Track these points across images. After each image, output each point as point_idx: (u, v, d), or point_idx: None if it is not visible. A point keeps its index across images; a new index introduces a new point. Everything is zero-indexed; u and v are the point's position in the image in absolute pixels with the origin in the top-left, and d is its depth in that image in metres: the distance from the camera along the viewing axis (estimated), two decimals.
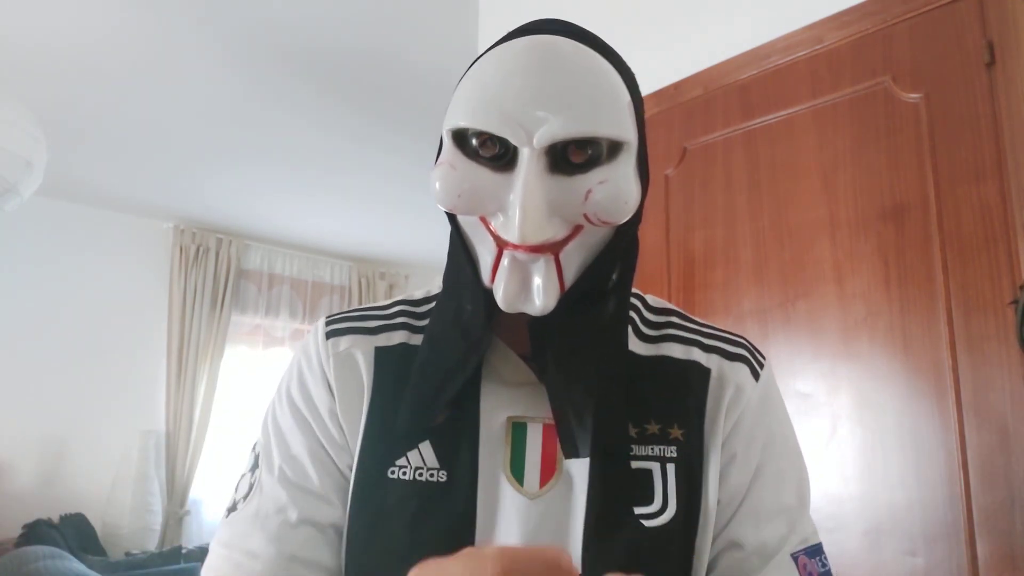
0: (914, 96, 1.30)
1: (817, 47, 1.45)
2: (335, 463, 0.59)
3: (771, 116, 1.52)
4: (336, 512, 0.58)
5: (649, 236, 1.70)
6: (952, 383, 1.17)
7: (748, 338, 0.66)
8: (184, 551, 3.83)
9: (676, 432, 0.57)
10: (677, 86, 1.71)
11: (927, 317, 1.22)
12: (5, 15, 2.32)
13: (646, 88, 1.74)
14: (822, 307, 1.37)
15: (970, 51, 1.24)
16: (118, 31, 2.42)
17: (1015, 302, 1.12)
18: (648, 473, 0.55)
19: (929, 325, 1.22)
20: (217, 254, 4.64)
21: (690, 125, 1.68)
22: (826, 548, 0.61)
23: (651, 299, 0.67)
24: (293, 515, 0.57)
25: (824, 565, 0.59)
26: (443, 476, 0.56)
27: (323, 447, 0.59)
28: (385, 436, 0.58)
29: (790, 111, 1.49)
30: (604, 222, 0.52)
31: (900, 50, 1.33)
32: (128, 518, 4.03)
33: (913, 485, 1.20)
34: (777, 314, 1.44)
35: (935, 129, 1.26)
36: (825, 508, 1.29)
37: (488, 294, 0.54)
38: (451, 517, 0.54)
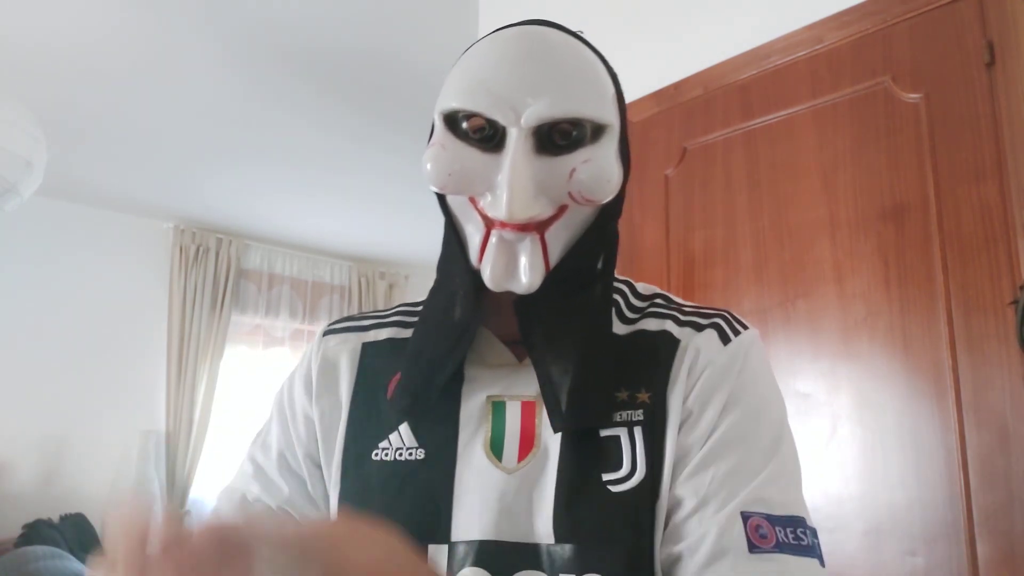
0: (914, 96, 1.30)
1: (817, 47, 1.45)
2: (297, 456, 0.64)
3: (771, 116, 1.52)
4: (284, 495, 0.63)
5: (649, 236, 1.70)
6: (952, 383, 1.17)
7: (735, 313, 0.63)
8: None
9: (643, 396, 0.57)
10: (677, 86, 1.71)
11: (927, 317, 1.22)
12: (5, 15, 2.32)
13: (646, 88, 1.74)
14: (822, 307, 1.37)
15: (970, 51, 1.24)
16: (118, 31, 2.42)
17: (1015, 302, 1.12)
18: (616, 440, 0.56)
19: (929, 325, 1.22)
20: (217, 254, 4.63)
21: (690, 125, 1.68)
22: (826, 548, 0.57)
23: (640, 286, 0.67)
24: (253, 491, 0.63)
25: (797, 539, 0.51)
26: (420, 454, 0.58)
27: (291, 441, 0.65)
28: (368, 422, 0.62)
29: (790, 111, 1.49)
30: (588, 200, 0.55)
31: (900, 50, 1.33)
32: None
33: (913, 485, 1.20)
34: (777, 314, 1.44)
35: (935, 129, 1.26)
36: (825, 508, 1.29)
37: (476, 276, 0.56)
38: (427, 492, 0.57)
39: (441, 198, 0.59)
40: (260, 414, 0.74)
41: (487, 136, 0.54)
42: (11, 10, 2.29)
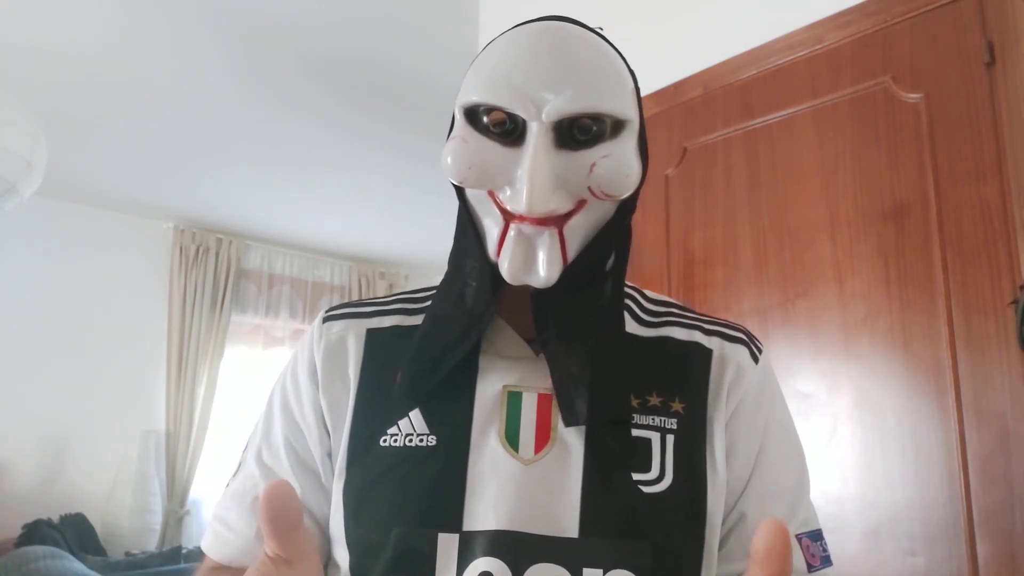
0: (914, 96, 1.30)
1: (817, 47, 1.45)
2: (309, 449, 0.62)
3: (771, 116, 1.52)
4: (301, 493, 0.60)
5: (649, 236, 1.70)
6: (952, 383, 1.17)
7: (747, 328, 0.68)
8: (184, 551, 3.82)
9: (677, 406, 0.58)
10: (677, 86, 1.71)
11: (927, 317, 1.22)
12: (5, 16, 2.32)
13: (646, 88, 1.74)
14: (822, 307, 1.37)
15: (970, 51, 1.24)
16: (118, 31, 2.42)
17: (1015, 302, 1.12)
18: (647, 442, 0.56)
19: (929, 325, 1.22)
20: (217, 254, 4.63)
21: (690, 125, 1.68)
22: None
23: (650, 293, 0.69)
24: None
25: (824, 550, 0.60)
26: (432, 440, 0.57)
27: (301, 433, 0.62)
28: (376, 408, 0.60)
29: (790, 111, 1.49)
30: (607, 195, 0.55)
31: (900, 50, 1.33)
32: (128, 518, 4.03)
33: (913, 485, 1.20)
34: (777, 314, 1.44)
35: (935, 129, 1.26)
36: (825, 508, 1.29)
37: (493, 268, 0.56)
38: (439, 478, 0.55)
39: (459, 190, 0.59)
40: (260, 414, 0.71)
41: (508, 130, 0.54)
42: (12, 11, 2.29)
